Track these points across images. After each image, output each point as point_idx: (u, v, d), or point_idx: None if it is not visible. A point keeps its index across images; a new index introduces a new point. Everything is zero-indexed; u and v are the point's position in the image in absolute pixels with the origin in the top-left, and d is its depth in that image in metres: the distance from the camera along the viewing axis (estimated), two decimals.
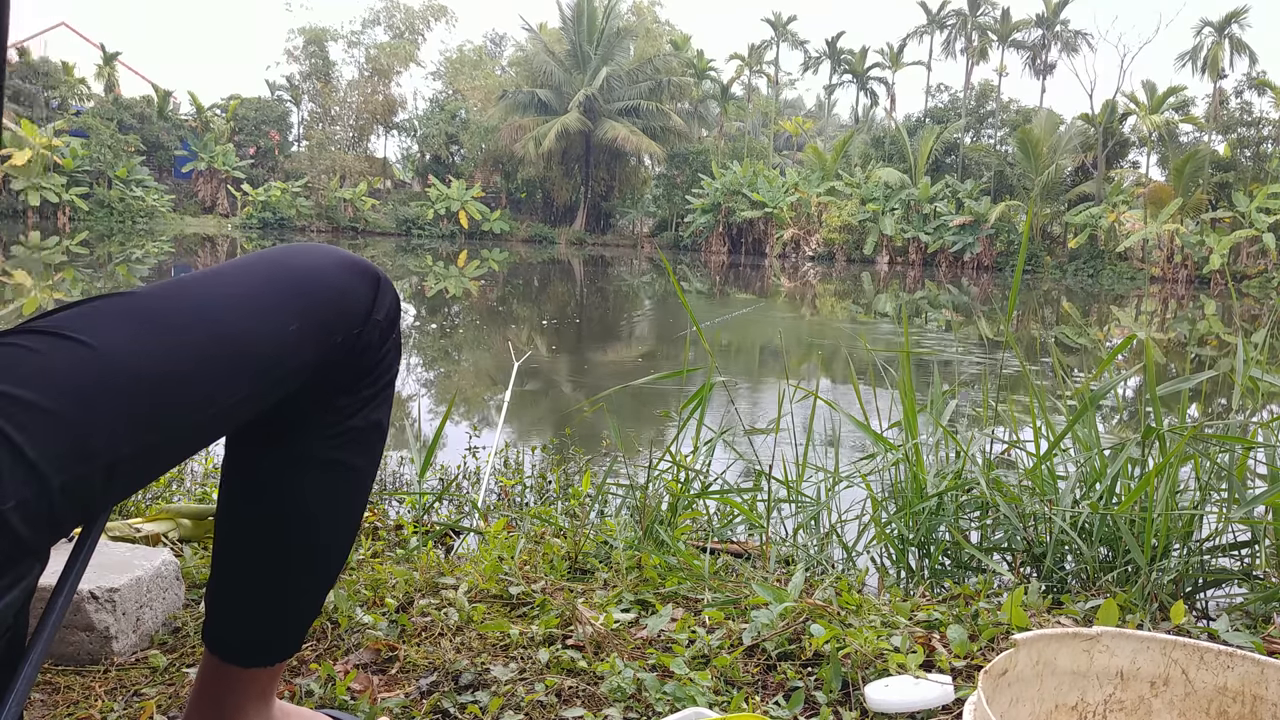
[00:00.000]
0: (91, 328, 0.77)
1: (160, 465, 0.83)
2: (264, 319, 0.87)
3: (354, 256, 0.98)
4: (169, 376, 0.79)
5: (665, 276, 25.80)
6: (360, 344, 0.96)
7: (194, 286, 0.87)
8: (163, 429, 0.79)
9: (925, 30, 45.67)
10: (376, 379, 1.00)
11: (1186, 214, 33.43)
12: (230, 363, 0.83)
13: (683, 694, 1.36)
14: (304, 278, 0.92)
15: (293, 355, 0.88)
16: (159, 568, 1.61)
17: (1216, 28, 37.41)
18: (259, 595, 1.04)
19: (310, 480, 1.00)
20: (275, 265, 0.92)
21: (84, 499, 0.75)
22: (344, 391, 0.98)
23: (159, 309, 0.82)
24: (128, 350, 0.77)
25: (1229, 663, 1.14)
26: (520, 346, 9.56)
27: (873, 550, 2.55)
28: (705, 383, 2.78)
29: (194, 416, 0.82)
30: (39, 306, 12.24)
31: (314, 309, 0.90)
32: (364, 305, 0.95)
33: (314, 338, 0.90)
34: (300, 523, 1.01)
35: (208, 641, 1.05)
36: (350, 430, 1.00)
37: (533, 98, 42.25)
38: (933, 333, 15.57)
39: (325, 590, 1.08)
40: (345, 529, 1.05)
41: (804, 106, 63.65)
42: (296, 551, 1.02)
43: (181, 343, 0.81)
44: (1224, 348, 13.03)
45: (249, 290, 0.88)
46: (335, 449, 0.99)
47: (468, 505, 2.96)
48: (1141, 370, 2.41)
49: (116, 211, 37.66)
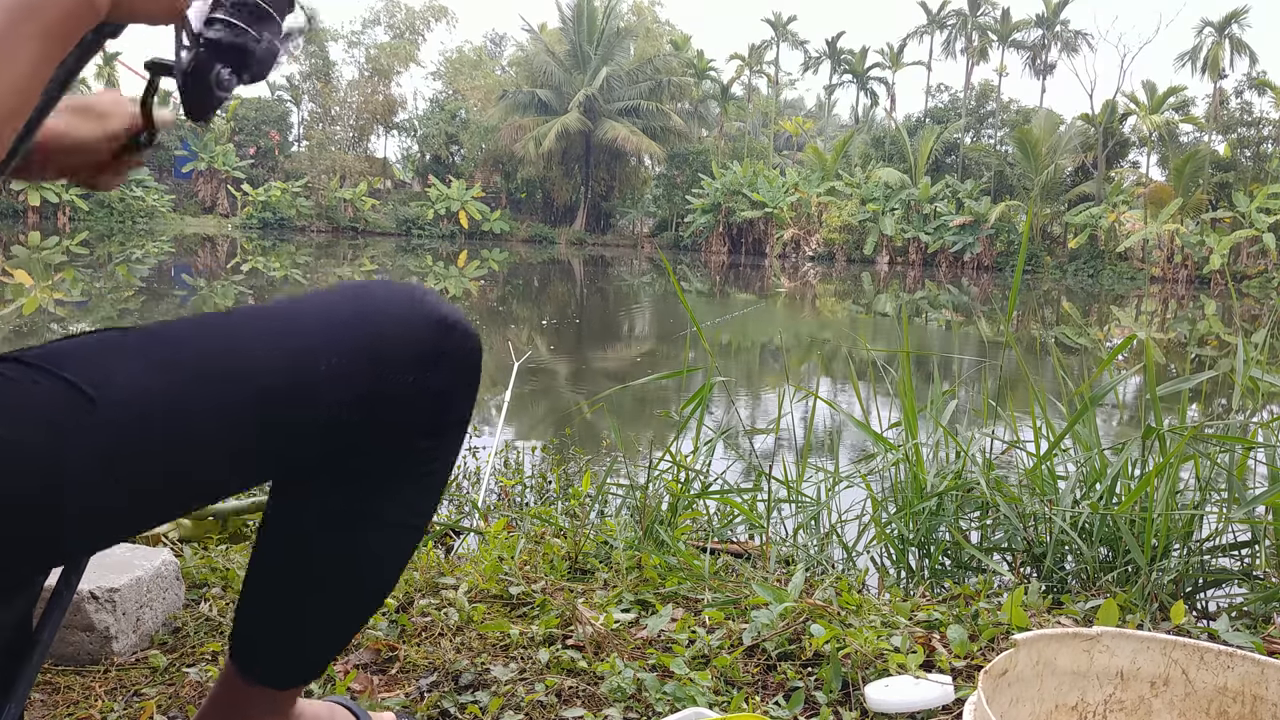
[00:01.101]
0: (89, 365, 0.74)
1: (139, 520, 0.79)
2: (290, 356, 0.81)
3: (428, 298, 0.88)
4: (170, 417, 0.74)
5: (665, 276, 25.80)
6: (421, 401, 0.87)
7: (215, 321, 0.82)
8: (145, 479, 0.75)
9: (925, 30, 45.68)
10: (434, 444, 0.94)
11: (1186, 214, 33.43)
12: (232, 396, 0.77)
13: (683, 694, 1.36)
14: (355, 316, 0.85)
15: (319, 397, 0.81)
16: (159, 568, 1.61)
17: (1216, 28, 37.43)
18: (281, 625, 1.01)
19: (345, 536, 0.95)
20: (324, 300, 0.86)
21: (53, 542, 0.73)
22: (396, 451, 0.91)
23: (154, 342, 0.78)
24: (122, 387, 0.74)
25: (1229, 663, 1.14)
26: (520, 346, 9.54)
27: (873, 550, 2.55)
28: (705, 383, 2.78)
29: (190, 466, 0.77)
30: (39, 307, 12.24)
31: (359, 353, 0.83)
32: (427, 356, 0.86)
33: (353, 384, 0.83)
34: (331, 572, 0.97)
35: (232, 652, 1.03)
36: (398, 493, 0.94)
37: (533, 98, 42.26)
38: (934, 333, 15.57)
39: (357, 627, 1.04)
40: (383, 579, 1.01)
41: (804, 106, 63.68)
42: (326, 597, 0.99)
43: (184, 379, 0.76)
44: (1224, 348, 13.03)
45: (275, 326, 0.83)
46: (378, 507, 0.94)
47: (468, 505, 2.96)
48: (1141, 370, 2.41)
49: (116, 211, 37.64)
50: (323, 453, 0.87)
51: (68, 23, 0.67)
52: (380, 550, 0.99)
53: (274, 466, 0.86)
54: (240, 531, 2.20)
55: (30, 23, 0.65)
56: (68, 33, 0.68)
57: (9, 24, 0.64)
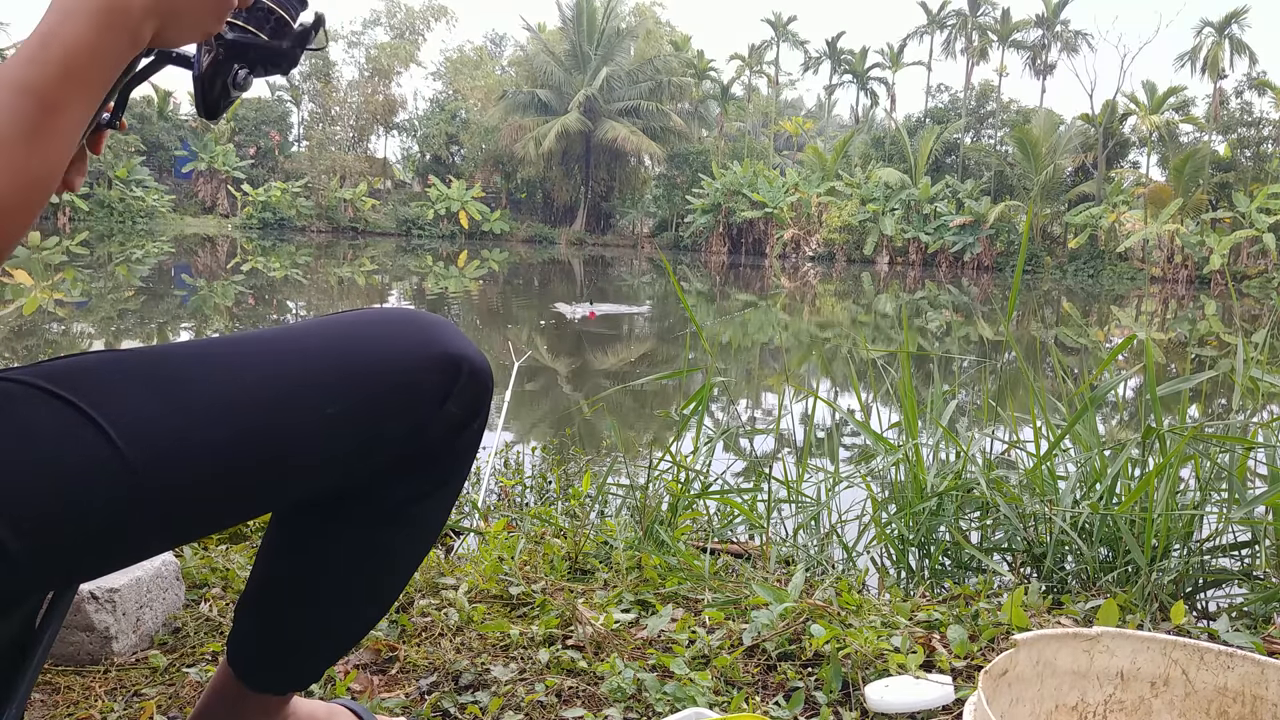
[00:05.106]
0: (86, 388, 0.73)
1: (141, 549, 0.78)
2: (293, 398, 0.79)
3: (439, 335, 0.87)
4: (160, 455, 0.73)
5: (665, 277, 25.79)
6: (426, 435, 0.87)
7: (222, 349, 0.81)
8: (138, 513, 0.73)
9: (925, 30, 45.66)
10: (442, 473, 0.93)
11: (1186, 214, 33.42)
12: (232, 440, 0.76)
13: (683, 694, 1.36)
14: (364, 356, 0.83)
15: (322, 443, 0.80)
16: (159, 568, 1.61)
17: (1216, 28, 37.41)
18: (283, 635, 1.01)
19: (349, 554, 0.95)
20: (334, 336, 0.84)
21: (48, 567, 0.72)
22: (402, 478, 0.91)
23: (166, 371, 0.77)
24: (118, 413, 0.72)
25: (1229, 663, 1.14)
26: (520, 346, 9.54)
27: (873, 550, 2.55)
28: (705, 383, 2.78)
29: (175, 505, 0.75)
30: (39, 307, 12.24)
31: (365, 394, 0.82)
32: (435, 394, 0.85)
33: (358, 426, 0.82)
34: (333, 588, 0.97)
35: (229, 657, 1.03)
36: (403, 516, 0.94)
37: (533, 98, 42.26)
38: (934, 334, 15.57)
39: (361, 635, 1.05)
40: (383, 598, 1.02)
41: (804, 106, 63.67)
42: (326, 610, 0.99)
43: (182, 419, 0.74)
44: (1224, 348, 13.02)
45: (285, 362, 0.81)
46: (382, 528, 0.94)
47: (468, 505, 2.95)
48: (1141, 370, 2.41)
49: (116, 212, 37.64)
50: (331, 487, 0.87)
51: (114, 66, 0.68)
52: (390, 564, 0.99)
53: (278, 502, 0.86)
54: (240, 532, 2.20)
55: (75, 75, 0.65)
56: (110, 76, 0.68)
57: (50, 77, 0.64)
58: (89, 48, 0.65)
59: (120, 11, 0.67)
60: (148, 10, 0.68)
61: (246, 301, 15.64)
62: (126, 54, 0.69)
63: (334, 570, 0.96)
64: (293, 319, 13.53)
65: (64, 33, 0.65)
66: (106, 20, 0.66)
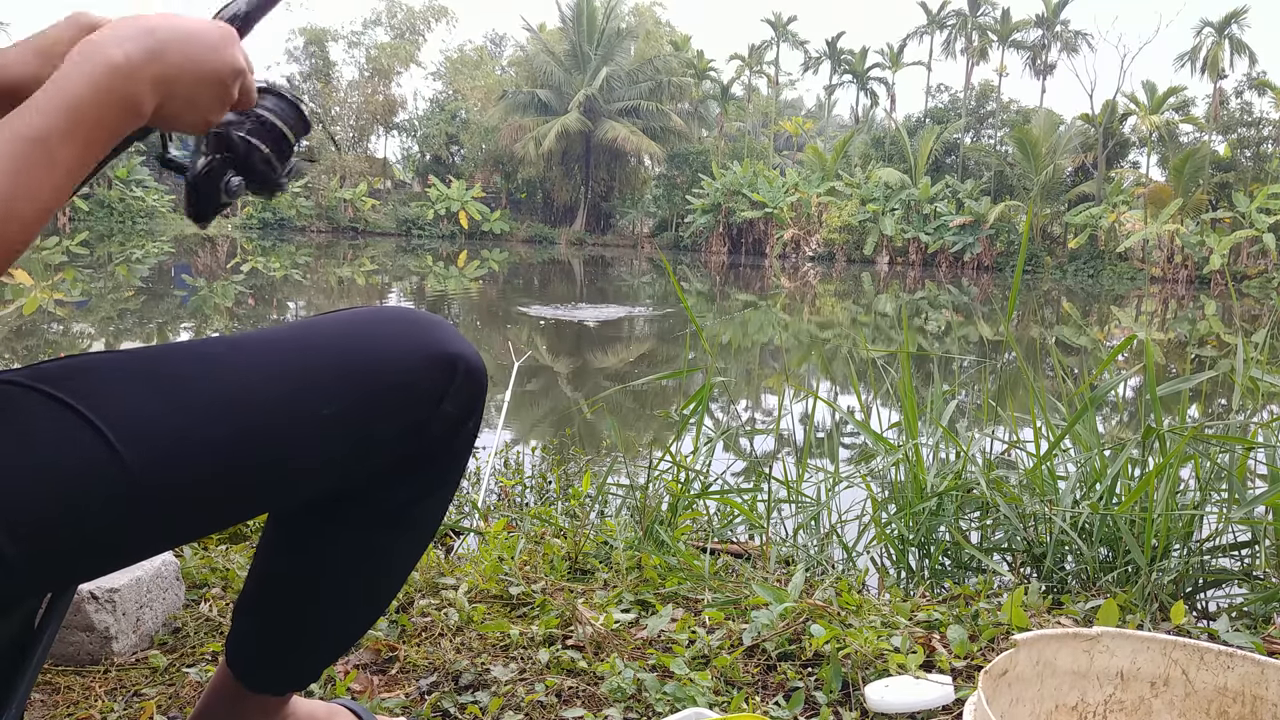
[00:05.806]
0: (85, 390, 0.73)
1: (137, 551, 0.78)
2: (293, 397, 0.79)
3: (436, 334, 0.87)
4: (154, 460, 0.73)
5: (665, 277, 25.80)
6: (423, 435, 0.87)
7: (220, 349, 0.81)
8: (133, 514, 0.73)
9: (925, 30, 45.65)
10: (438, 472, 0.94)
11: (1186, 214, 33.42)
12: (239, 440, 0.76)
13: (683, 694, 1.36)
14: (361, 356, 0.83)
15: (321, 441, 0.81)
16: (159, 568, 1.61)
17: (1216, 28, 37.40)
18: (282, 635, 1.01)
19: (347, 555, 0.95)
20: (331, 335, 0.84)
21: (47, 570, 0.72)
22: (401, 479, 0.91)
23: (164, 371, 0.77)
24: (116, 412, 0.72)
25: (1229, 663, 1.14)
26: (520, 346, 9.55)
27: (873, 550, 2.55)
28: (705, 383, 2.78)
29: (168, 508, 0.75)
30: (39, 306, 12.24)
31: (362, 394, 0.82)
32: (431, 394, 0.86)
33: (355, 427, 0.82)
34: (332, 588, 0.98)
35: (228, 657, 1.03)
36: (400, 517, 0.94)
37: (533, 98, 42.26)
38: (934, 334, 15.57)
39: (360, 635, 1.05)
40: (381, 599, 1.03)
41: (804, 106, 63.68)
42: (325, 610, 0.99)
43: (178, 419, 0.74)
44: (1224, 348, 13.03)
45: (283, 362, 0.81)
46: (380, 529, 0.94)
47: (468, 505, 2.95)
48: (1141, 370, 2.41)
49: (116, 212, 37.63)
50: (331, 487, 0.87)
51: (113, 129, 0.69)
52: (388, 563, 0.99)
53: (278, 501, 0.86)
54: (240, 532, 2.20)
55: (75, 130, 0.67)
56: (110, 139, 0.70)
57: (52, 128, 0.65)
58: (92, 104, 0.67)
59: (126, 77, 0.69)
60: (154, 81, 0.70)
61: (246, 302, 15.63)
62: (127, 121, 0.70)
63: (333, 571, 0.97)
64: (292, 319, 13.52)
65: (69, 86, 0.67)
66: (109, 83, 0.68)
